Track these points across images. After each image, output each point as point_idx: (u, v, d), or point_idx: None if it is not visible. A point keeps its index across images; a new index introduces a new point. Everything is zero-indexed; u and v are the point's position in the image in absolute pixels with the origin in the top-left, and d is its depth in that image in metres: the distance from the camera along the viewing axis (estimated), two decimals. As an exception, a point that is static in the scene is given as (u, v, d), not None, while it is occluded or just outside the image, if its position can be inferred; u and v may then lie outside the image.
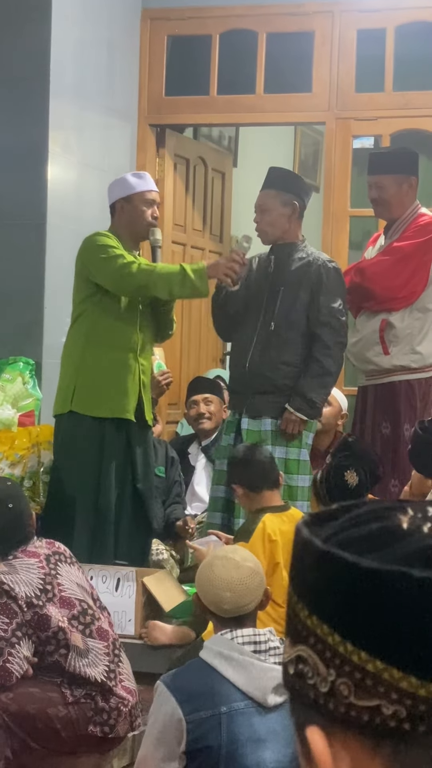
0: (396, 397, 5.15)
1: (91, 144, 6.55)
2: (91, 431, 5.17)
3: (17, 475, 5.48)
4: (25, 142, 6.16)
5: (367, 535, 0.72)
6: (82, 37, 6.45)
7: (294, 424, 5.05)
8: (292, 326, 5.11)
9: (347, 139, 6.70)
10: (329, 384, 5.18)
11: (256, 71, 6.79)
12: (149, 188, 5.23)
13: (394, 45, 6.55)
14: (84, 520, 5.12)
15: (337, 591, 0.70)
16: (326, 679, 0.70)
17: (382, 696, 0.68)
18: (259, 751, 2.91)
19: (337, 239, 6.67)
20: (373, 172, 5.30)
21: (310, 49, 6.70)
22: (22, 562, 4.03)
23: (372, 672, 0.68)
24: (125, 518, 5.22)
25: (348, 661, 0.69)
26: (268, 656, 2.96)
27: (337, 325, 5.10)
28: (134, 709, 4.17)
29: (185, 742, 2.92)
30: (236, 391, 5.27)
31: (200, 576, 3.16)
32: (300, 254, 5.18)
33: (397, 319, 5.13)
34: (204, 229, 7.46)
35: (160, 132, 7.06)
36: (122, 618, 4.72)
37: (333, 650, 0.70)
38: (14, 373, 5.94)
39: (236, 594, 3.07)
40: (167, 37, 6.99)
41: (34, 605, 3.94)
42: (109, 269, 5.03)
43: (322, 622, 0.70)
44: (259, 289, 5.19)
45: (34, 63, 6.17)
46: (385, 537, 0.72)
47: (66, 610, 4.04)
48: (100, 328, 5.17)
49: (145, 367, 5.24)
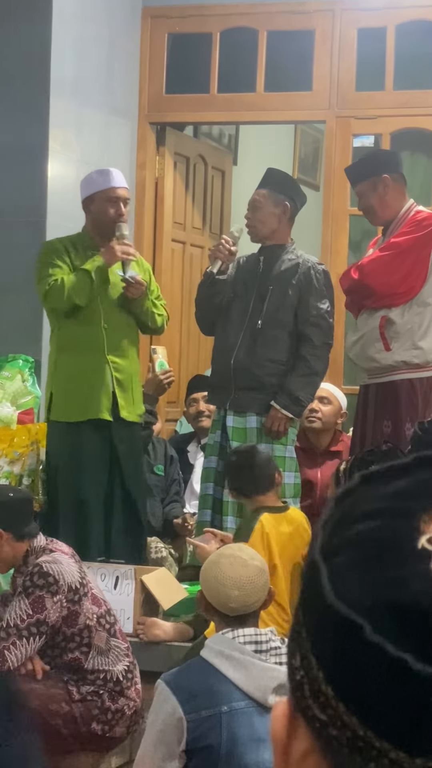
0: (398, 396, 5.14)
1: (91, 142, 6.55)
2: (68, 436, 5.24)
3: (16, 473, 5.48)
4: (25, 139, 6.15)
5: (368, 546, 0.69)
6: (82, 34, 6.44)
7: (280, 421, 5.09)
8: (280, 325, 5.15)
9: (347, 137, 6.70)
10: (316, 384, 5.26)
11: (256, 69, 6.78)
12: (112, 185, 5.25)
13: (394, 43, 6.55)
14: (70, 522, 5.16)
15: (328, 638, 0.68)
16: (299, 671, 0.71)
17: (332, 719, 0.68)
18: (258, 750, 2.91)
19: (336, 238, 6.67)
20: (352, 185, 5.35)
21: (311, 48, 6.70)
22: (60, 555, 4.05)
23: (324, 692, 0.68)
24: (117, 517, 5.24)
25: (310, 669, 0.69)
26: (269, 656, 2.95)
27: (325, 326, 5.18)
28: (135, 714, 4.18)
29: (185, 741, 2.91)
30: (218, 387, 5.28)
31: (206, 574, 3.15)
32: (289, 255, 5.24)
33: (397, 315, 5.13)
34: (204, 228, 7.46)
35: (160, 130, 7.06)
36: (121, 616, 4.71)
37: (305, 650, 0.70)
38: (14, 370, 5.94)
39: (244, 592, 3.07)
40: (167, 35, 6.98)
41: (74, 597, 3.96)
42: (38, 293, 5.26)
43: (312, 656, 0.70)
44: (247, 288, 5.23)
45: (34, 60, 6.17)
46: (385, 554, 0.68)
47: (96, 608, 4.06)
48: (66, 334, 5.28)
49: (119, 365, 5.24)
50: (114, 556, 5.08)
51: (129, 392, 5.27)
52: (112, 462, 5.24)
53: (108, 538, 5.21)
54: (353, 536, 0.70)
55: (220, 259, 5.22)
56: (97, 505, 5.21)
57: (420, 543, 0.68)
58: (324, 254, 6.57)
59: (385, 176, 5.15)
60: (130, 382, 5.29)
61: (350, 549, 0.69)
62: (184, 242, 7.26)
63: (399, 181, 5.23)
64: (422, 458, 0.74)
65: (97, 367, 5.20)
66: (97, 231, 5.29)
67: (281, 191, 5.26)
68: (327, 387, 5.76)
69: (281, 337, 5.16)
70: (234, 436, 5.13)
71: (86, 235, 5.33)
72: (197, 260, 7.30)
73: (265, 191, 5.26)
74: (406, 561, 0.67)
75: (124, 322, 5.29)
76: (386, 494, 0.72)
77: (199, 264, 7.18)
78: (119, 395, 5.21)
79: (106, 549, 5.16)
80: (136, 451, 5.36)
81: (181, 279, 7.18)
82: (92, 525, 5.17)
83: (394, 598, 0.66)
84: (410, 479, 0.73)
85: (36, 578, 3.93)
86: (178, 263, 7.22)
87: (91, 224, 5.33)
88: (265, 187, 5.29)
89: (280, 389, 5.11)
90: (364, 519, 0.71)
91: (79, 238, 5.35)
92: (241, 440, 5.07)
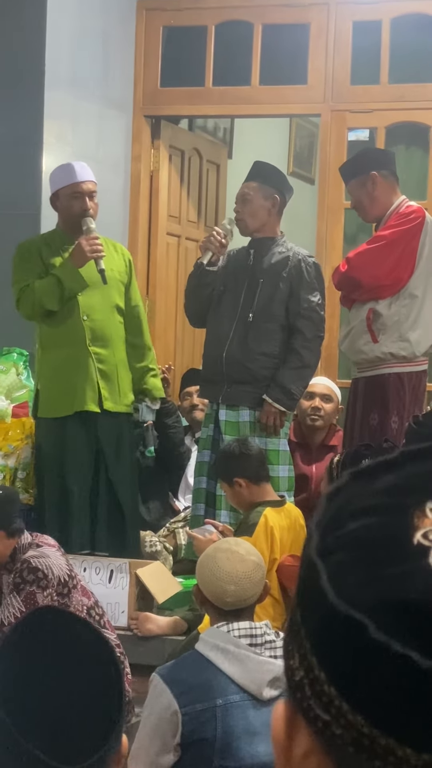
0: (385, 389, 5.15)
1: (86, 135, 6.54)
2: (55, 432, 5.26)
3: (11, 466, 5.48)
4: (20, 132, 6.14)
5: (364, 544, 0.68)
6: (77, 27, 6.43)
7: (274, 416, 5.09)
8: (271, 318, 5.15)
9: (342, 131, 6.69)
10: (308, 376, 5.26)
11: (251, 63, 6.77)
12: (75, 180, 5.26)
13: (389, 37, 6.54)
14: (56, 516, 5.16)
15: (323, 630, 0.68)
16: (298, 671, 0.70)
17: (335, 718, 0.68)
18: (253, 744, 2.92)
19: (331, 232, 6.67)
20: (345, 183, 5.36)
21: (306, 41, 6.69)
22: (47, 549, 4.05)
23: (327, 692, 0.68)
24: (101, 510, 5.24)
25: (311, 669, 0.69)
26: (264, 649, 2.96)
27: (317, 318, 5.17)
28: (129, 704, 4.19)
29: (180, 735, 2.92)
30: (210, 381, 5.28)
31: (203, 568, 3.15)
32: (279, 248, 5.23)
33: (383, 307, 5.14)
34: (199, 221, 7.45)
35: (155, 123, 7.04)
36: (115, 610, 4.72)
37: (305, 650, 0.70)
38: (8, 363, 5.93)
39: (240, 587, 3.07)
40: (163, 28, 6.97)
41: (63, 590, 3.97)
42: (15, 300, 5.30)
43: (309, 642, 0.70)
44: (238, 281, 5.23)
45: (29, 53, 6.16)
46: (383, 551, 0.67)
47: (86, 599, 4.07)
48: (46, 330, 5.31)
49: (102, 356, 5.24)
50: (98, 549, 5.08)
51: (114, 383, 5.26)
52: (97, 454, 5.25)
53: (94, 532, 5.21)
54: (348, 535, 0.70)
55: (211, 251, 5.22)
56: (83, 498, 5.21)
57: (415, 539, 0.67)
58: (319, 248, 6.56)
59: (373, 173, 5.17)
60: (114, 372, 5.28)
61: (346, 548, 0.69)
62: (179, 236, 7.25)
63: (389, 178, 5.24)
64: (408, 453, 0.74)
65: (80, 359, 5.20)
66: (67, 227, 5.31)
67: (271, 184, 5.25)
68: (327, 383, 5.76)
69: (273, 330, 5.16)
70: (227, 430, 5.12)
71: (59, 231, 5.37)
72: (192, 254, 7.29)
73: (254, 184, 5.25)
74: (404, 558, 0.67)
75: (105, 312, 5.28)
76: (376, 490, 0.72)
77: (194, 257, 7.14)
78: (103, 386, 5.21)
79: (91, 541, 5.15)
80: (122, 442, 5.33)
81: (176, 272, 7.17)
82: (77, 518, 5.17)
83: (396, 595, 0.66)
84: (398, 474, 0.73)
85: (25, 574, 3.94)
86: (173, 257, 7.21)
87: (61, 221, 5.37)
88: (254, 180, 5.27)
89: (272, 383, 5.11)
90: (357, 517, 0.70)
91: (53, 235, 5.38)
92: (234, 434, 5.07)
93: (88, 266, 5.19)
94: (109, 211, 6.42)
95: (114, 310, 5.32)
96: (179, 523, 5.67)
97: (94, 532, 5.21)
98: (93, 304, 5.25)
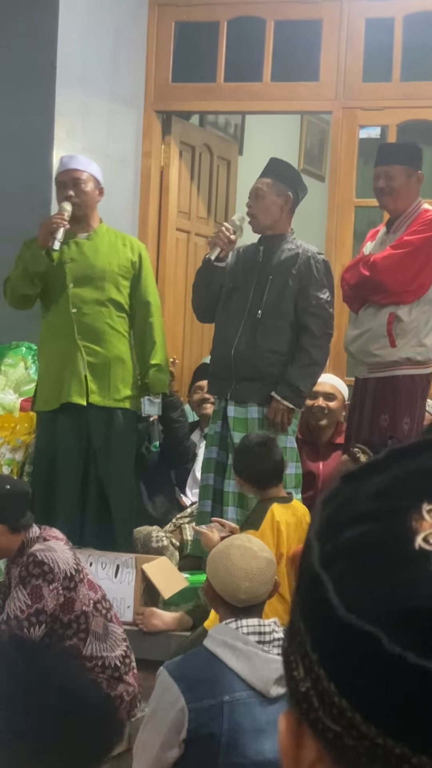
0: (397, 391, 5.16)
1: (97, 130, 6.54)
2: (47, 425, 5.28)
3: (18, 460, 5.49)
4: (31, 127, 6.15)
5: (364, 552, 0.67)
6: (88, 22, 6.43)
7: (282, 413, 5.08)
8: (280, 315, 5.14)
9: (353, 128, 6.68)
10: (316, 374, 5.26)
11: (263, 59, 6.77)
12: (60, 170, 5.37)
13: (402, 34, 6.53)
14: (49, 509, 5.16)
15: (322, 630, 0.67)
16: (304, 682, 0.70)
17: (347, 730, 0.67)
18: (259, 741, 2.92)
19: (341, 229, 6.66)
20: (382, 162, 5.28)
21: (318, 38, 6.68)
22: (54, 543, 4.06)
23: (338, 704, 0.67)
24: (91, 505, 5.23)
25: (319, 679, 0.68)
26: (272, 647, 2.96)
27: (326, 316, 5.17)
28: (135, 699, 4.20)
29: (186, 730, 2.92)
30: (219, 377, 5.28)
31: (215, 565, 3.14)
32: (289, 246, 5.22)
33: (404, 313, 5.15)
34: (208, 217, 7.45)
35: (166, 119, 7.04)
36: (121, 605, 4.72)
37: (311, 662, 0.69)
38: (16, 357, 5.94)
39: (254, 584, 3.08)
40: (174, 24, 6.96)
41: (69, 584, 3.98)
42: None
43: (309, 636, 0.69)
44: (247, 278, 5.22)
45: (40, 49, 6.16)
46: (385, 558, 0.67)
47: (92, 593, 4.08)
48: (43, 324, 5.37)
49: (92, 350, 5.24)
50: (86, 544, 5.07)
51: (105, 377, 5.24)
52: (88, 449, 5.24)
53: (83, 527, 5.21)
54: (346, 542, 0.69)
55: (219, 246, 5.21)
56: (70, 492, 5.20)
57: (416, 543, 0.66)
58: (329, 245, 6.56)
59: (420, 173, 5.21)
60: (106, 367, 5.26)
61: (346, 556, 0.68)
62: (188, 231, 7.25)
63: (421, 181, 5.29)
64: (395, 453, 0.73)
65: (69, 352, 5.21)
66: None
67: (284, 181, 5.24)
68: (331, 381, 5.76)
69: (282, 327, 5.15)
70: (235, 427, 5.12)
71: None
72: (202, 250, 7.28)
73: (268, 180, 5.25)
74: (407, 564, 0.66)
75: (97, 306, 5.27)
76: (368, 494, 0.71)
77: (204, 253, 7.16)
78: (91, 380, 5.21)
79: (80, 536, 5.14)
80: (114, 438, 5.29)
81: (185, 268, 7.17)
82: (63, 511, 5.16)
83: (405, 604, 0.65)
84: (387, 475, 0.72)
85: (31, 567, 3.95)
86: (183, 252, 7.21)
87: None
88: (268, 176, 5.27)
89: (280, 380, 5.11)
90: (353, 523, 0.69)
91: None
92: (242, 431, 5.07)
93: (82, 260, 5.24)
94: (118, 207, 6.43)
95: (108, 304, 5.29)
96: (186, 518, 5.67)
97: (83, 527, 5.21)
98: (84, 298, 5.25)
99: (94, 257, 5.31)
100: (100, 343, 5.25)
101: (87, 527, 5.20)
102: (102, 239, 5.36)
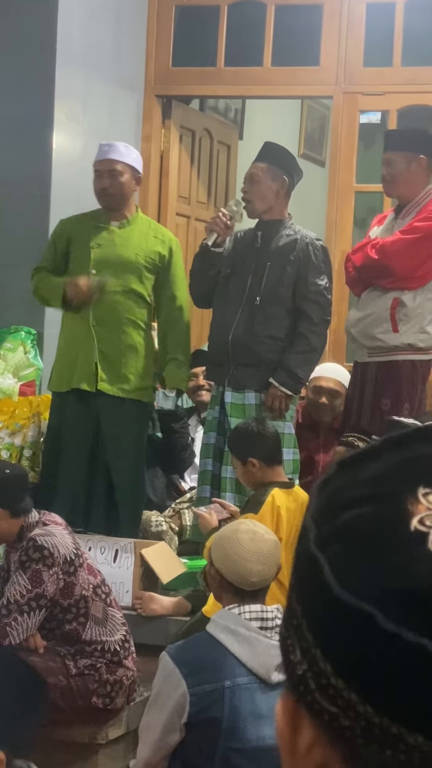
0: (399, 376, 5.16)
1: (97, 114, 6.52)
2: (57, 407, 5.31)
3: (17, 445, 5.49)
4: (31, 110, 6.13)
5: (361, 534, 0.68)
6: (89, 6, 6.40)
7: (279, 399, 5.08)
8: (278, 301, 5.13)
9: (354, 113, 6.66)
10: (314, 360, 5.26)
11: (263, 43, 6.75)
12: (97, 158, 5.34)
13: (403, 19, 6.51)
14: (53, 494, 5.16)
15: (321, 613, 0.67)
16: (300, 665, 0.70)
17: (343, 710, 0.67)
18: (259, 726, 2.93)
19: (341, 214, 6.65)
20: (385, 149, 5.29)
21: (319, 23, 6.66)
22: (54, 528, 4.07)
23: (334, 685, 0.67)
24: (98, 490, 5.23)
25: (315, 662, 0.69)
26: (274, 633, 2.96)
27: (324, 302, 5.16)
28: (134, 683, 4.21)
29: (187, 714, 2.93)
30: (216, 363, 5.27)
31: (223, 549, 3.13)
32: (287, 231, 5.21)
33: (409, 299, 5.15)
34: (208, 202, 7.43)
35: (166, 103, 7.02)
36: (120, 589, 4.73)
37: (307, 643, 0.69)
38: (16, 342, 5.94)
39: (266, 566, 3.09)
40: (175, 8, 6.94)
41: (69, 569, 3.99)
42: None
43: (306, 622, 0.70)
44: (245, 264, 5.21)
45: (41, 32, 6.13)
46: (381, 539, 0.67)
47: (92, 578, 4.09)
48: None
49: (106, 337, 5.22)
50: (92, 529, 5.08)
51: (116, 366, 5.22)
52: (96, 435, 5.24)
53: (89, 512, 5.21)
54: (343, 525, 0.69)
55: (216, 232, 5.20)
56: (76, 477, 5.20)
57: (412, 525, 0.67)
58: (329, 231, 6.55)
59: (422, 157, 5.17)
60: (119, 355, 5.24)
61: (343, 538, 0.69)
62: (188, 216, 7.24)
63: (430, 166, 5.25)
64: (391, 440, 0.74)
65: (83, 338, 5.20)
66: (99, 204, 5.38)
67: (279, 165, 5.22)
68: (336, 378, 5.69)
69: (280, 313, 5.14)
70: (232, 413, 5.12)
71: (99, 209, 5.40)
72: (201, 235, 7.26)
73: (263, 165, 5.22)
74: (403, 544, 0.67)
75: (115, 295, 5.23)
76: (364, 479, 0.71)
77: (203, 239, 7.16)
78: (102, 367, 5.20)
79: (85, 521, 5.15)
80: (124, 426, 5.27)
81: (185, 253, 7.14)
82: (68, 496, 5.17)
83: (400, 583, 0.65)
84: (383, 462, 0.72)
85: (31, 552, 3.96)
86: (183, 237, 7.19)
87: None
88: (263, 160, 5.24)
89: (278, 366, 5.10)
90: (349, 506, 0.70)
91: (93, 212, 5.38)
92: (240, 416, 5.06)
93: (109, 248, 5.25)
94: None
95: (128, 294, 5.27)
96: (185, 503, 5.67)
97: (89, 512, 5.21)
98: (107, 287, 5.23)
99: (121, 246, 5.28)
100: (115, 331, 5.24)
101: (93, 513, 5.20)
102: (134, 229, 5.33)
